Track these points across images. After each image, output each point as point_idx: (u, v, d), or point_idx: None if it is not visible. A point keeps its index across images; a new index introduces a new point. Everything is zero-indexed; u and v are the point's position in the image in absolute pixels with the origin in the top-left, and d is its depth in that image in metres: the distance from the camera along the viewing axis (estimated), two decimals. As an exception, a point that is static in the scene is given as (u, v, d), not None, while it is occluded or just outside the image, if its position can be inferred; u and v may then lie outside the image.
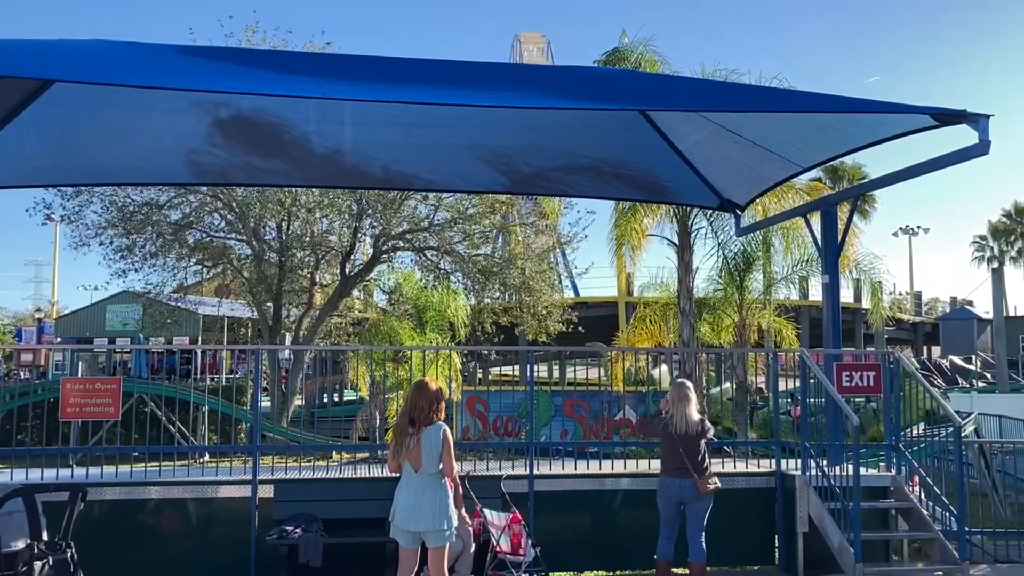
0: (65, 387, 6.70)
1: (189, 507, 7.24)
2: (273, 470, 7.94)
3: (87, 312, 42.76)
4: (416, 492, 5.39)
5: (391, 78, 6.30)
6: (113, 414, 6.84)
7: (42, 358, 19.47)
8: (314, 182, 11.35)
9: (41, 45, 6.13)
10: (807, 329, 29.03)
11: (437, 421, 5.45)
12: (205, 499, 7.22)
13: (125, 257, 19.46)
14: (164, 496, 7.19)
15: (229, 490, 7.21)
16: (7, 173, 8.46)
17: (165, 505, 7.17)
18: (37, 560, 5.35)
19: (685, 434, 6.84)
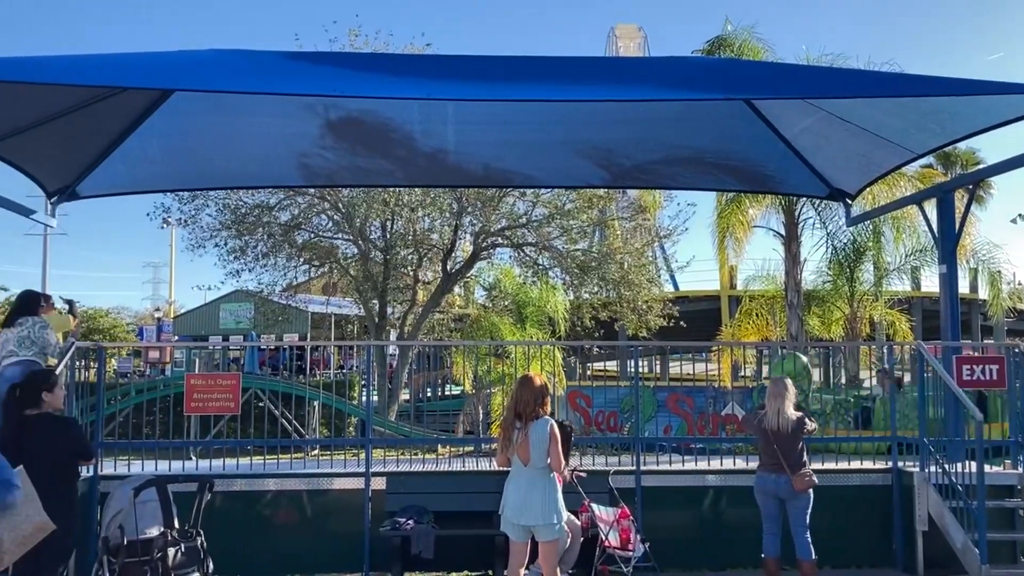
0: (189, 383, 7.02)
1: (305, 498, 7.49)
2: (385, 463, 8.13)
3: (202, 311, 44.61)
4: (525, 486, 5.44)
5: (492, 76, 6.36)
6: (233, 408, 7.14)
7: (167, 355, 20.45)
8: (417, 181, 11.55)
9: (162, 57, 6.42)
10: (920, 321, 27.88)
11: (544, 415, 5.49)
12: (320, 491, 7.46)
13: (238, 258, 20.27)
14: (281, 488, 7.46)
15: (343, 482, 7.42)
16: (130, 179, 8.91)
17: (282, 496, 7.44)
18: (171, 547, 5.65)
19: (779, 430, 6.72)
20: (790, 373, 11.88)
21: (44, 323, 6.85)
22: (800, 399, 11.52)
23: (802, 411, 7.03)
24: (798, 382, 11.59)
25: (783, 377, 7.13)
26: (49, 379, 5.37)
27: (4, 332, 6.88)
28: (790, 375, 12.20)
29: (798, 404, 7.05)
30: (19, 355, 6.59)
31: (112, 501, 5.76)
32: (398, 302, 22.45)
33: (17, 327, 6.76)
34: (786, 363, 12.18)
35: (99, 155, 8.11)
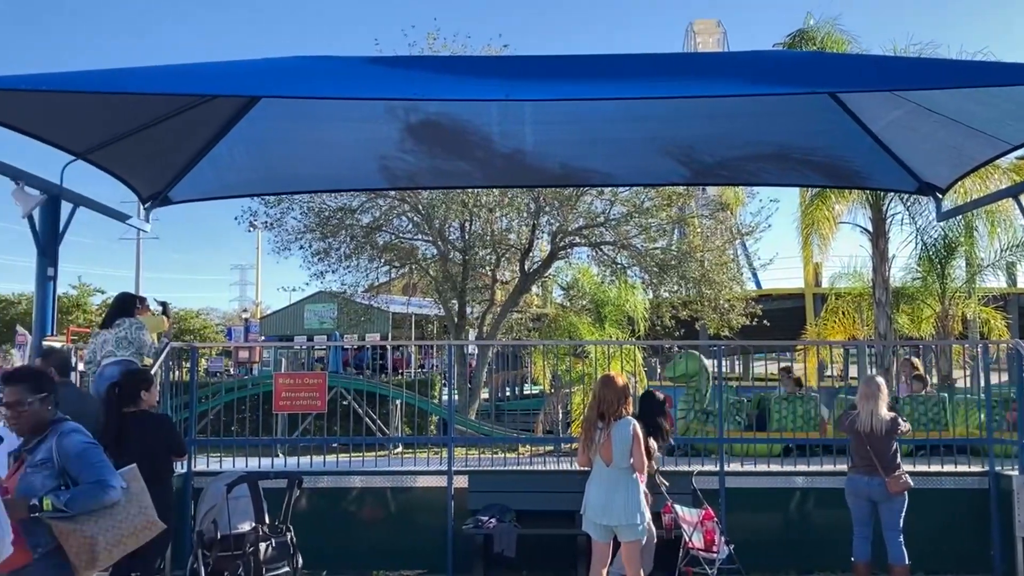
0: (278, 382, 7.22)
1: (389, 496, 7.62)
2: (467, 461, 8.21)
3: (288, 312, 45.79)
4: (607, 486, 5.43)
5: (571, 75, 6.35)
6: (319, 407, 7.31)
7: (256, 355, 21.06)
8: (496, 182, 11.61)
9: (249, 65, 6.60)
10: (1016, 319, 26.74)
11: (626, 416, 5.47)
12: (403, 488, 7.59)
13: (322, 259, 20.70)
14: (366, 485, 7.61)
15: (426, 480, 7.53)
16: (219, 184, 9.19)
17: (367, 493, 7.59)
18: (262, 541, 5.82)
19: (872, 431, 6.54)
20: (686, 373, 11.73)
21: (140, 324, 7.12)
22: (697, 399, 11.40)
23: (895, 411, 6.84)
24: (695, 382, 11.45)
25: (875, 376, 6.94)
26: (147, 378, 5.59)
27: (103, 333, 7.18)
28: (686, 375, 11.94)
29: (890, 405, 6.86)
30: (117, 355, 6.87)
31: (206, 496, 5.96)
32: (477, 302, 22.59)
33: (115, 328, 7.05)
34: (679, 365, 12.00)
35: (189, 161, 8.39)
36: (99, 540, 3.67)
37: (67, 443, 3.69)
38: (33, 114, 6.63)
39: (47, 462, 3.66)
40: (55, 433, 3.72)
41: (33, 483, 3.62)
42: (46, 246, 7.05)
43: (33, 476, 3.64)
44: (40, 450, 3.70)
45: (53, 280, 7.09)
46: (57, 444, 3.69)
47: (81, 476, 3.65)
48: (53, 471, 3.66)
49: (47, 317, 7.12)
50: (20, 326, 29.83)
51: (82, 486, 3.65)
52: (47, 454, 3.68)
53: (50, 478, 3.65)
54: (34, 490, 3.61)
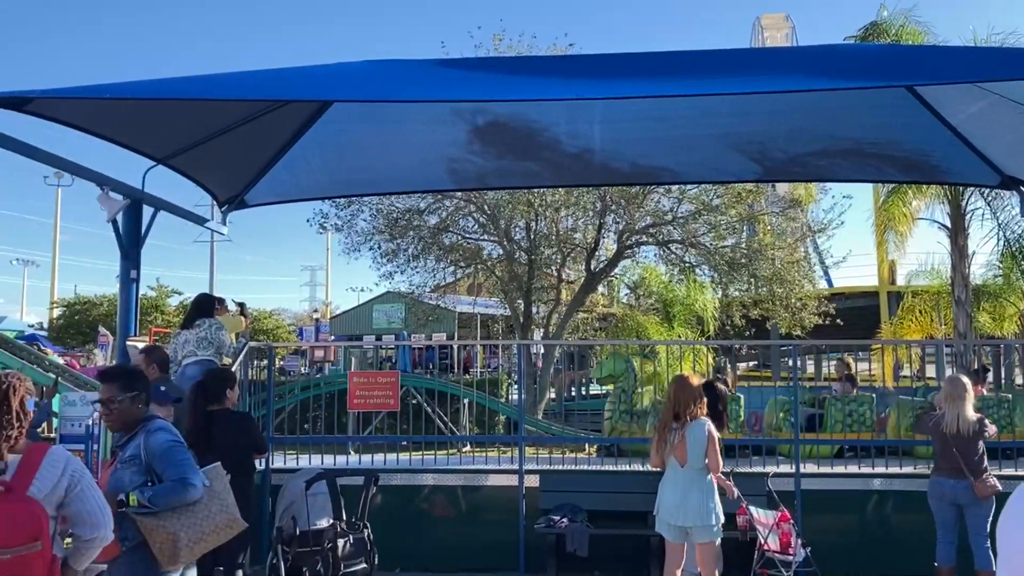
0: (352, 380, 7.34)
1: (460, 494, 7.68)
2: (537, 460, 8.22)
3: (357, 312, 46.53)
4: (682, 487, 5.39)
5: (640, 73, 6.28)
6: (392, 405, 7.40)
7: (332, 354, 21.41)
8: (564, 182, 11.60)
9: (321, 70, 6.72)
10: (1107, 317, 25.60)
11: (701, 416, 5.42)
12: (474, 487, 7.63)
13: (391, 260, 21.00)
14: (438, 483, 7.68)
15: (497, 479, 7.57)
16: (293, 188, 9.37)
17: (439, 491, 7.66)
18: (340, 538, 5.92)
19: (958, 433, 6.33)
20: (612, 375, 11.62)
21: (220, 325, 7.32)
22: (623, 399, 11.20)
23: (981, 412, 6.63)
24: (620, 383, 11.28)
25: (960, 376, 6.74)
26: (231, 377, 5.74)
27: (183, 333, 7.39)
28: (612, 376, 11.85)
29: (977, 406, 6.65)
30: (198, 355, 7.08)
31: (285, 493, 6.09)
32: (543, 301, 22.60)
33: (196, 328, 7.26)
34: (605, 365, 11.88)
35: (265, 165, 8.58)
36: (181, 536, 3.78)
37: (153, 440, 3.82)
38: (116, 121, 6.86)
39: (135, 459, 3.79)
40: (144, 430, 3.85)
41: (122, 479, 3.76)
42: (129, 249, 7.28)
43: (122, 472, 3.78)
44: (130, 447, 3.84)
45: (136, 282, 7.32)
46: (145, 441, 3.82)
47: (165, 473, 3.77)
48: (140, 467, 3.79)
49: (130, 318, 7.35)
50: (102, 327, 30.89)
51: (165, 483, 3.76)
52: (136, 451, 3.81)
53: (138, 474, 3.78)
54: (123, 485, 3.74)
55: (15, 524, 2.89)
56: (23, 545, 2.88)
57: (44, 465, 3.06)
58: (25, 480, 3.00)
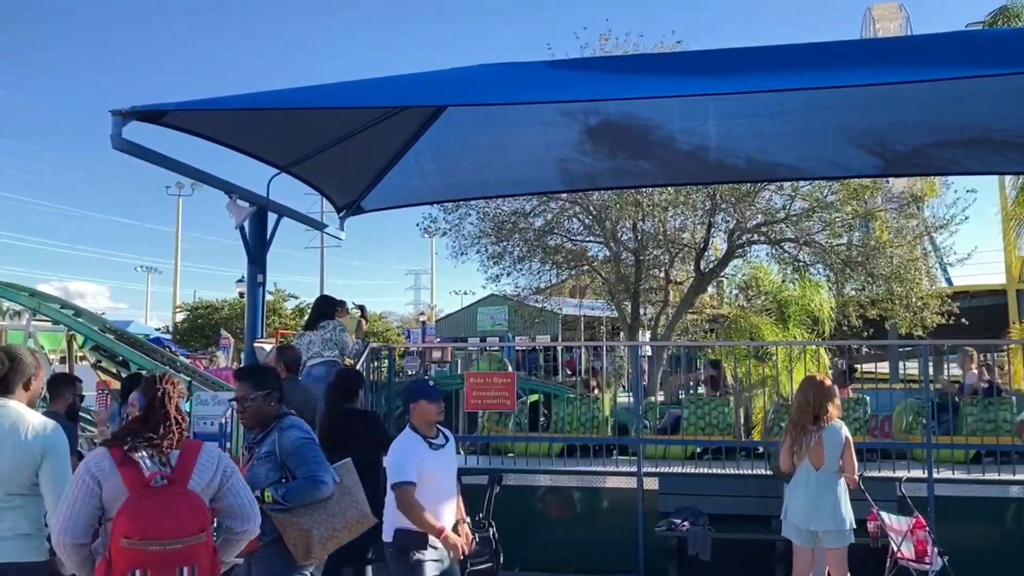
0: (468, 381, 7.42)
1: (578, 495, 7.65)
2: (656, 463, 8.13)
3: (461, 314, 47.16)
4: (816, 491, 5.23)
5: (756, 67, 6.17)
6: (509, 405, 7.44)
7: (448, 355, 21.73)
8: (677, 180, 11.46)
9: (436, 75, 6.84)
10: None
11: (836, 418, 5.26)
12: (592, 488, 7.60)
13: (497, 263, 21.14)
14: (555, 484, 7.68)
15: (615, 481, 7.51)
16: (407, 193, 9.56)
17: (556, 492, 7.65)
18: (465, 537, 5.96)
19: None
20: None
21: (343, 326, 7.52)
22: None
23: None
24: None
25: None
26: (362, 377, 5.86)
27: (307, 334, 7.62)
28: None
29: None
30: (324, 355, 7.28)
31: (410, 491, 6.17)
32: (650, 303, 22.33)
33: (320, 330, 7.47)
34: (481, 364, 12.15)
35: (380, 171, 8.79)
36: (314, 533, 3.88)
37: (286, 438, 3.93)
38: (243, 131, 7.15)
39: (270, 455, 3.91)
40: (278, 427, 3.97)
41: (258, 475, 3.88)
42: (255, 254, 7.56)
43: (258, 468, 3.91)
44: (265, 443, 3.97)
45: (262, 286, 7.60)
46: (278, 438, 3.94)
47: (298, 470, 3.88)
48: (275, 464, 3.90)
49: (257, 320, 7.64)
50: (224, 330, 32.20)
51: (297, 480, 3.86)
52: (270, 447, 3.93)
53: (273, 471, 3.90)
54: (259, 481, 3.86)
55: (184, 516, 3.02)
56: (192, 536, 3.00)
57: (200, 460, 3.19)
58: (185, 474, 3.14)
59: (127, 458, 3.07)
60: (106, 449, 3.13)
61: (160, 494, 3.04)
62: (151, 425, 3.15)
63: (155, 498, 3.02)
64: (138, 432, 3.14)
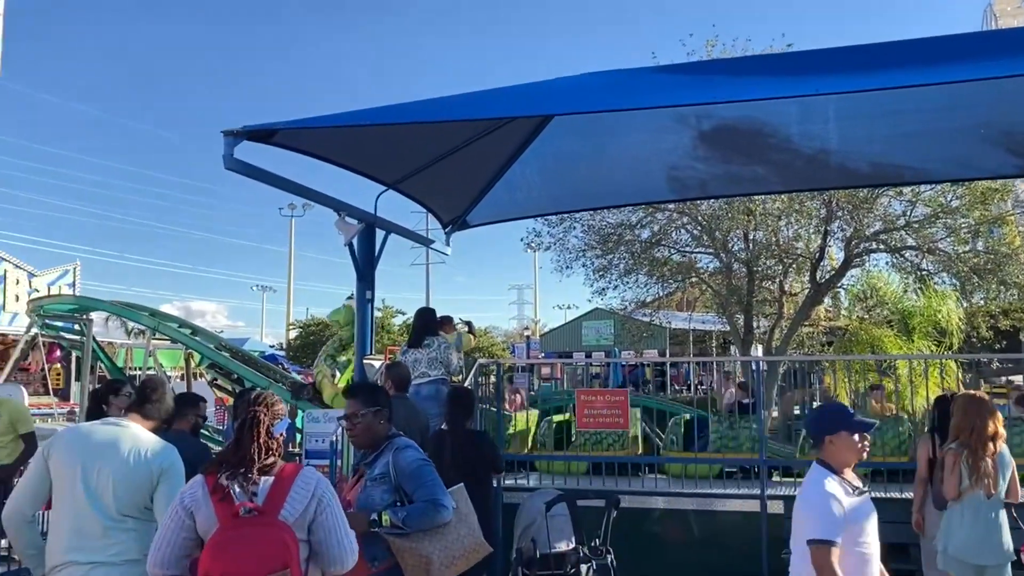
0: (579, 398, 7.18)
1: (695, 518, 7.31)
2: (781, 486, 7.69)
3: (566, 329, 46.94)
4: (986, 521, 4.76)
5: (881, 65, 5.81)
6: (623, 424, 7.15)
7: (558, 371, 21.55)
8: (795, 186, 10.97)
9: (544, 86, 6.69)
10: None
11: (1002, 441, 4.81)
12: (711, 511, 7.24)
13: (603, 276, 20.85)
14: (671, 506, 7.35)
15: (736, 504, 7.14)
16: (512, 206, 9.45)
17: (673, 515, 7.32)
18: (583, 563, 5.73)
19: None
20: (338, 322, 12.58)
21: (448, 344, 7.40)
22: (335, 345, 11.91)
23: None
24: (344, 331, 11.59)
25: None
26: (473, 398, 5.69)
27: (413, 352, 7.50)
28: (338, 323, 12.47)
29: None
30: (430, 375, 7.17)
31: (523, 513, 5.99)
32: (764, 315, 21.59)
33: (425, 348, 7.35)
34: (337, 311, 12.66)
35: (485, 186, 8.70)
36: (434, 560, 3.69)
37: (402, 459, 3.77)
38: (351, 149, 7.17)
39: (384, 477, 3.75)
40: (391, 448, 3.81)
41: (372, 497, 3.72)
42: (364, 271, 7.55)
43: (372, 490, 3.75)
44: (378, 464, 3.81)
45: (371, 302, 7.58)
46: (393, 459, 3.77)
47: (416, 494, 3.70)
48: (390, 486, 3.74)
49: (366, 337, 7.62)
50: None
51: (417, 504, 3.69)
52: (384, 469, 3.77)
53: (387, 493, 3.73)
54: (373, 504, 3.70)
55: (266, 550, 2.84)
56: (273, 573, 2.81)
57: (295, 488, 3.01)
58: (276, 504, 2.96)
59: (219, 486, 2.94)
60: (202, 476, 3.03)
61: (247, 525, 2.87)
62: (241, 451, 3.02)
63: (241, 530, 2.85)
64: (230, 458, 3.03)
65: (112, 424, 3.78)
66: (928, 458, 5.67)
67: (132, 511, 3.58)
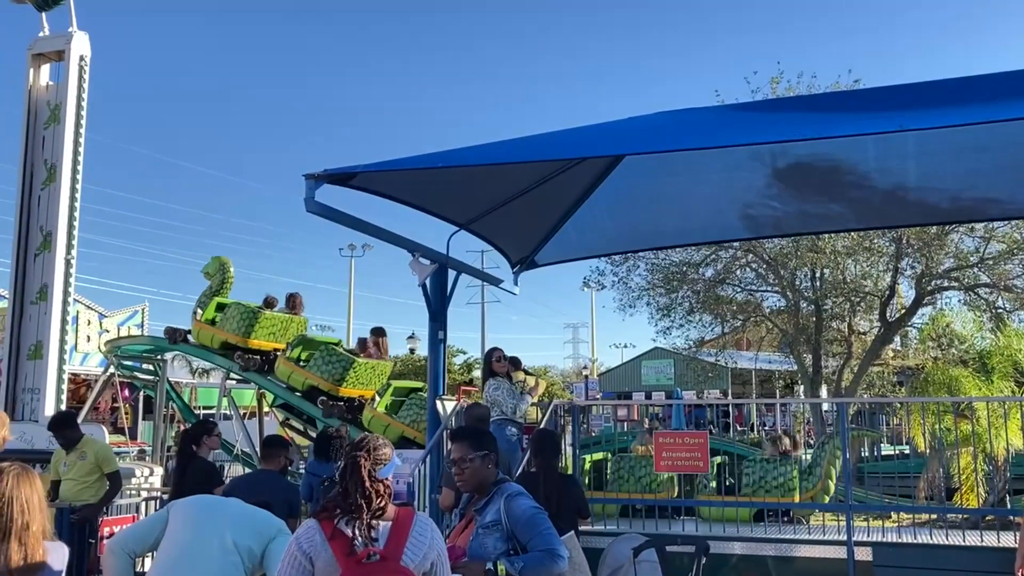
0: (658, 440, 7.06)
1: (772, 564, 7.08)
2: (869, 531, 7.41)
3: (625, 368, 46.57)
4: None
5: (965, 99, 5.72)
6: (703, 467, 6.99)
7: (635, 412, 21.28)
8: (872, 223, 10.78)
9: (615, 126, 6.71)
10: None
11: None
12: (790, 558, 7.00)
13: (666, 315, 20.65)
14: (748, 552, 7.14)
15: (819, 550, 6.89)
16: (581, 246, 9.44)
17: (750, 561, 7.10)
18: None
19: None
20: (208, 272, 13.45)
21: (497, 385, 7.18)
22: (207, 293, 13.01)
23: None
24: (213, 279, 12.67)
25: None
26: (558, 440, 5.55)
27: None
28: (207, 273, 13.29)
29: None
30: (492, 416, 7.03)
31: (607, 559, 5.87)
32: (832, 355, 21.11)
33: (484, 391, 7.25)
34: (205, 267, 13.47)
35: (555, 225, 8.72)
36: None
37: (515, 506, 3.68)
38: (425, 190, 7.25)
39: (496, 524, 3.66)
40: (501, 494, 3.74)
41: (485, 545, 3.64)
42: (437, 311, 7.59)
43: (485, 538, 3.66)
44: (489, 511, 3.72)
45: (443, 342, 7.60)
46: (505, 506, 3.68)
47: (531, 543, 3.61)
48: (503, 534, 3.64)
49: (439, 377, 7.64)
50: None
51: (534, 554, 3.60)
52: (496, 516, 3.68)
53: (500, 540, 3.64)
54: (487, 552, 3.62)
55: None
56: None
57: (413, 534, 2.99)
58: (398, 548, 2.94)
59: (337, 531, 2.93)
60: (316, 522, 3.02)
61: (371, 572, 2.86)
62: (350, 498, 3.00)
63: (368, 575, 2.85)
64: (341, 504, 3.01)
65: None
66: None
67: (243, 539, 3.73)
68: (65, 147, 11.78)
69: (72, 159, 11.84)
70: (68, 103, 11.85)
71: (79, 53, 12.05)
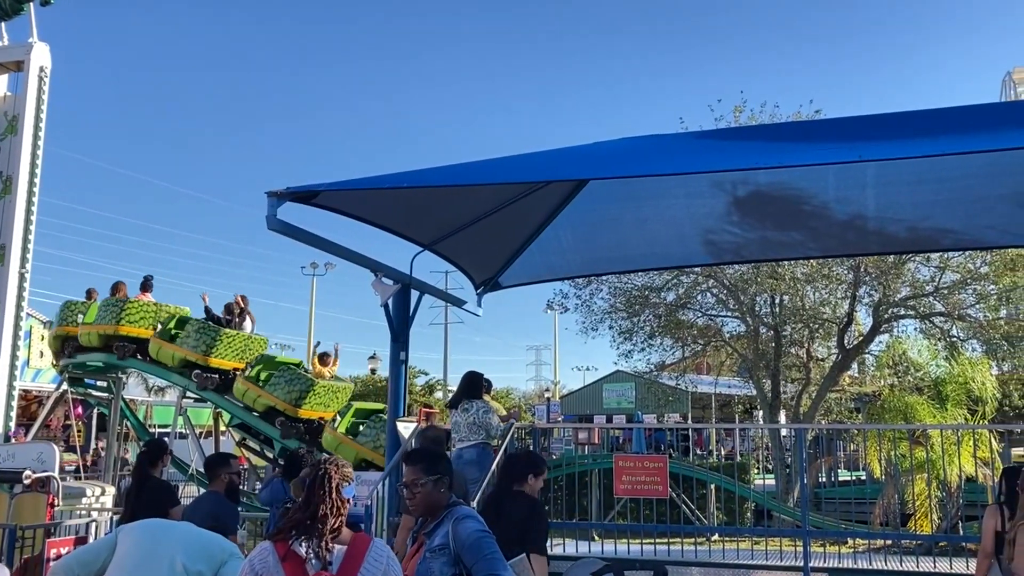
0: (617, 464, 7.06)
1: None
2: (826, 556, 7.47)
3: (586, 391, 46.57)
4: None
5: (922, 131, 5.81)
6: (662, 492, 7.00)
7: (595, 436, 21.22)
8: (831, 252, 10.94)
9: (579, 150, 6.74)
10: None
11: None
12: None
13: (628, 339, 20.75)
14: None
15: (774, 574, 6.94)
16: (545, 268, 9.45)
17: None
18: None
19: None
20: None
21: (488, 408, 7.26)
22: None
23: None
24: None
25: None
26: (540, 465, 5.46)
27: (453, 415, 7.37)
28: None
29: None
30: (471, 439, 7.01)
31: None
32: (791, 380, 21.35)
33: (464, 412, 7.20)
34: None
35: (519, 248, 8.72)
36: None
37: (461, 529, 3.62)
38: (388, 211, 7.21)
39: (444, 548, 3.60)
40: (451, 517, 3.68)
41: (432, 569, 3.59)
42: (399, 331, 7.53)
43: (432, 562, 3.60)
44: (438, 535, 3.66)
45: (404, 363, 7.54)
46: (453, 530, 3.63)
47: (475, 567, 3.55)
48: (449, 558, 3.58)
49: (399, 399, 7.57)
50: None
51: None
52: (444, 540, 3.61)
53: (447, 565, 3.57)
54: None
55: None
56: None
57: (367, 560, 2.96)
58: (351, 573, 2.92)
59: (291, 553, 2.89)
60: (271, 543, 2.97)
61: None
62: (311, 508, 2.97)
63: None
64: (300, 520, 2.97)
65: None
66: (995, 531, 5.43)
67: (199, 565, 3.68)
68: (22, 159, 11.56)
69: (29, 171, 11.63)
70: (27, 114, 11.65)
71: (39, 64, 11.86)
